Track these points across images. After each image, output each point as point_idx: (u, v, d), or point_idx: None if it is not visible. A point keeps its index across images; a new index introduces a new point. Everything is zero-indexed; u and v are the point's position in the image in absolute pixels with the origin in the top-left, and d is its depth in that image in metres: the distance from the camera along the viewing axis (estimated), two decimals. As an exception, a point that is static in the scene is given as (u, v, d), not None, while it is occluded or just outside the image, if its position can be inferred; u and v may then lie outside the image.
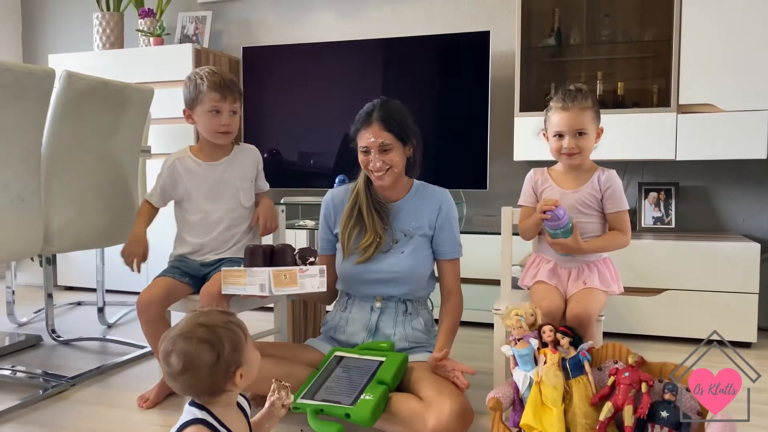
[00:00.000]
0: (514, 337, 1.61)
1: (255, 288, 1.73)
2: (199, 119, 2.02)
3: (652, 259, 2.69)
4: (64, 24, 4.21)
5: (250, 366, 1.23)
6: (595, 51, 3.09)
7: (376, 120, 1.88)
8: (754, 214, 3.05)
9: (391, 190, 1.97)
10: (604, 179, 1.89)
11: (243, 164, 2.12)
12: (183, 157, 2.07)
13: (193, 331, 1.18)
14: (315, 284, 1.78)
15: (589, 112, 1.86)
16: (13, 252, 1.95)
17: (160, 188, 2.06)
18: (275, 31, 3.74)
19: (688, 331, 2.67)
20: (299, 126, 3.39)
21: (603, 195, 1.88)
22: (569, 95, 1.88)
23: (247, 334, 1.24)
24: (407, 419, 1.67)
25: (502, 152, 3.20)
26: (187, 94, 2.02)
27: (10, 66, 1.80)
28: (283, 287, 1.72)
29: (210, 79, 1.98)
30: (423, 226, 1.95)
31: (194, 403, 1.21)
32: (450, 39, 3.17)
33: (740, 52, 2.67)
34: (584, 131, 1.85)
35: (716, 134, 2.70)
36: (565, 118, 1.86)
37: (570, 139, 1.85)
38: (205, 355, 1.16)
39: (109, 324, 2.99)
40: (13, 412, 1.91)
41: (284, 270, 1.73)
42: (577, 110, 1.85)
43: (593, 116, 1.87)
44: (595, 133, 1.88)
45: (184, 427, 1.18)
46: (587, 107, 1.86)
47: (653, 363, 1.52)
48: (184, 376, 1.16)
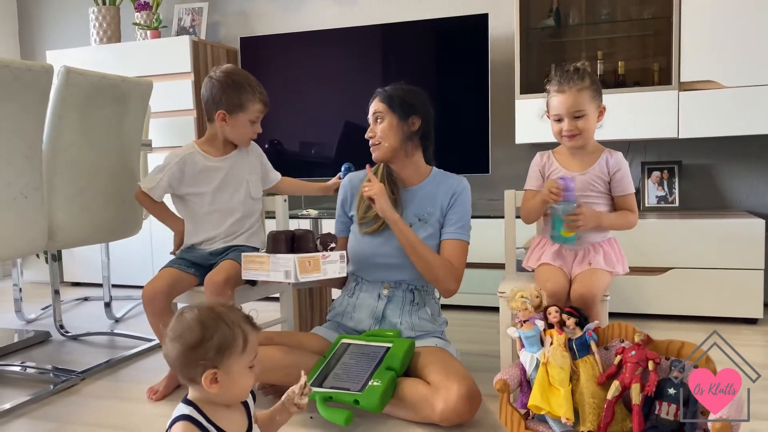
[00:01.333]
0: (520, 319, 1.62)
1: (279, 275, 1.72)
2: (235, 124, 2.05)
3: (656, 238, 2.69)
4: (61, 19, 4.19)
5: (234, 381, 1.17)
6: (595, 30, 3.07)
7: (377, 95, 1.98)
8: (758, 190, 3.03)
9: (404, 170, 1.99)
10: (612, 163, 1.87)
11: (248, 158, 2.16)
12: (192, 153, 2.07)
13: (204, 309, 1.18)
14: (336, 270, 1.79)
15: (586, 92, 1.83)
16: (18, 249, 1.95)
17: (167, 182, 2.05)
18: (272, 21, 3.73)
19: (694, 309, 2.67)
20: (300, 116, 3.38)
21: (611, 178, 1.87)
22: (565, 77, 1.85)
23: (248, 350, 1.18)
24: (415, 404, 1.68)
25: (504, 136, 3.19)
26: (228, 98, 2.02)
27: (7, 63, 1.79)
28: (308, 274, 1.73)
29: (258, 89, 2.06)
30: (436, 212, 1.95)
31: (185, 400, 1.21)
32: (448, 23, 3.15)
33: (741, 27, 2.64)
34: (582, 112, 1.83)
35: (719, 111, 2.69)
36: (562, 101, 1.84)
37: (569, 122, 1.83)
38: (192, 334, 1.15)
39: (116, 318, 3.01)
40: (25, 407, 1.92)
41: (308, 257, 1.73)
42: (573, 91, 1.82)
43: (591, 95, 1.84)
44: (595, 112, 1.86)
45: (172, 424, 1.18)
46: (584, 87, 1.83)
47: (659, 341, 1.52)
48: (171, 343, 1.16)
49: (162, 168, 2.06)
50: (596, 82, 1.88)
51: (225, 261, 1.95)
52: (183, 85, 3.39)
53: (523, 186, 2.00)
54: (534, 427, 1.53)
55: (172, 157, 2.07)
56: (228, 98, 2.02)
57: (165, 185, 2.06)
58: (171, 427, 1.18)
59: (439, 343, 1.90)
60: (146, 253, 3.56)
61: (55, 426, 1.79)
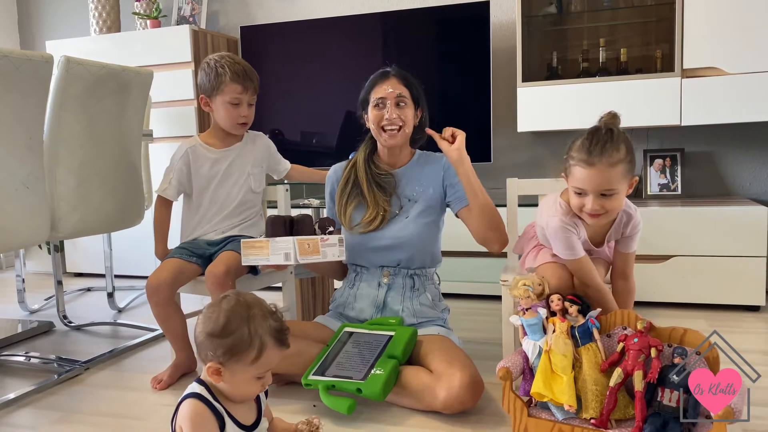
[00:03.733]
0: (522, 307, 1.61)
1: (279, 257, 1.72)
2: (217, 109, 2.02)
3: (659, 226, 2.68)
4: (60, 9, 4.17)
5: (235, 384, 1.20)
6: (597, 17, 3.05)
7: (393, 75, 1.91)
8: (761, 178, 3.03)
9: (396, 156, 1.97)
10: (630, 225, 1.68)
11: (254, 151, 2.14)
12: (195, 146, 2.08)
13: (241, 305, 1.19)
14: (335, 253, 1.79)
15: (620, 167, 1.51)
16: (21, 240, 1.95)
17: (177, 180, 2.06)
18: (272, 9, 3.70)
19: (697, 296, 2.67)
20: (300, 105, 3.37)
21: (621, 235, 1.72)
22: (597, 146, 1.51)
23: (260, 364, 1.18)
24: (418, 392, 1.68)
25: (506, 124, 3.18)
26: (206, 81, 2.01)
27: (7, 53, 1.78)
28: (307, 256, 1.72)
29: (232, 69, 1.97)
30: (427, 190, 1.94)
31: (198, 379, 1.23)
32: (449, 10, 3.13)
33: (745, 14, 2.62)
34: (612, 191, 1.53)
35: (722, 98, 2.67)
36: (589, 177, 1.51)
37: (594, 200, 1.53)
38: (214, 324, 1.18)
39: (119, 308, 3.01)
40: (30, 397, 1.93)
41: (307, 239, 1.73)
42: (604, 166, 1.50)
43: (625, 170, 1.53)
44: (626, 188, 1.57)
45: (183, 401, 1.21)
46: (618, 161, 1.51)
47: (662, 328, 1.52)
48: (200, 319, 1.21)
49: (170, 168, 2.08)
50: (631, 150, 1.55)
51: (224, 252, 1.95)
52: (183, 75, 3.38)
53: (523, 175, 1.96)
54: (537, 414, 1.53)
55: (176, 154, 2.08)
56: (206, 82, 2.01)
57: (176, 183, 2.07)
58: (181, 403, 1.20)
59: (442, 331, 1.90)
60: (148, 244, 3.53)
61: (59, 416, 1.80)
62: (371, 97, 1.90)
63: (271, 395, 1.86)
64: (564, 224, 1.62)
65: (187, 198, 2.11)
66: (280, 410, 1.72)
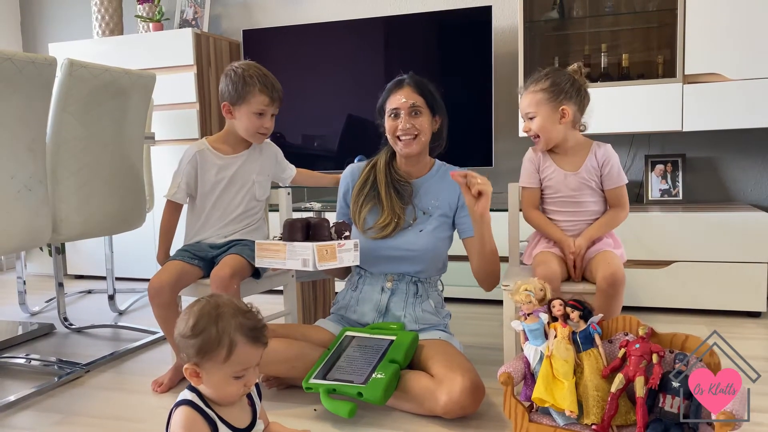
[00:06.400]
0: (524, 312, 1.62)
1: (297, 263, 1.71)
2: (240, 117, 2.02)
3: (660, 231, 2.68)
4: (63, 12, 4.18)
5: (214, 384, 1.20)
6: (599, 23, 3.05)
7: (408, 84, 1.91)
8: (762, 184, 3.03)
9: (415, 165, 1.97)
10: (600, 155, 1.87)
11: (261, 159, 2.13)
12: (202, 150, 2.07)
13: (210, 305, 1.20)
14: (351, 258, 1.79)
15: (539, 95, 1.85)
16: (23, 242, 1.95)
17: (185, 183, 2.06)
18: (275, 13, 3.71)
19: (698, 302, 2.67)
20: (302, 108, 3.37)
21: (601, 172, 1.87)
22: (531, 78, 1.89)
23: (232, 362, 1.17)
24: (419, 396, 1.68)
25: (507, 128, 3.18)
26: (233, 90, 2.00)
27: (10, 55, 1.79)
28: (325, 262, 1.72)
29: (261, 80, 1.98)
30: (443, 205, 1.95)
31: (189, 386, 1.24)
32: (452, 15, 3.14)
33: (746, 20, 2.63)
34: (532, 114, 1.87)
35: (723, 104, 2.67)
36: (520, 102, 1.91)
37: (526, 123, 1.89)
38: (185, 324, 1.19)
39: (120, 311, 3.01)
40: (30, 400, 1.93)
41: (325, 245, 1.73)
42: (528, 93, 1.87)
43: (544, 98, 1.84)
44: (551, 114, 1.85)
45: (175, 408, 1.21)
46: (538, 89, 1.85)
47: (663, 334, 1.52)
48: (178, 321, 1.22)
49: (178, 172, 2.08)
50: (559, 85, 1.85)
51: (228, 256, 1.95)
52: (185, 78, 3.38)
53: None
54: (538, 419, 1.53)
55: (184, 158, 2.07)
56: (232, 90, 2.01)
57: (185, 187, 2.06)
58: (173, 411, 1.20)
59: (443, 335, 1.90)
60: (150, 246, 3.56)
61: (59, 418, 1.80)
62: (386, 106, 1.92)
63: (272, 399, 1.85)
64: (532, 151, 1.96)
65: (191, 201, 2.11)
66: (281, 414, 1.72)
